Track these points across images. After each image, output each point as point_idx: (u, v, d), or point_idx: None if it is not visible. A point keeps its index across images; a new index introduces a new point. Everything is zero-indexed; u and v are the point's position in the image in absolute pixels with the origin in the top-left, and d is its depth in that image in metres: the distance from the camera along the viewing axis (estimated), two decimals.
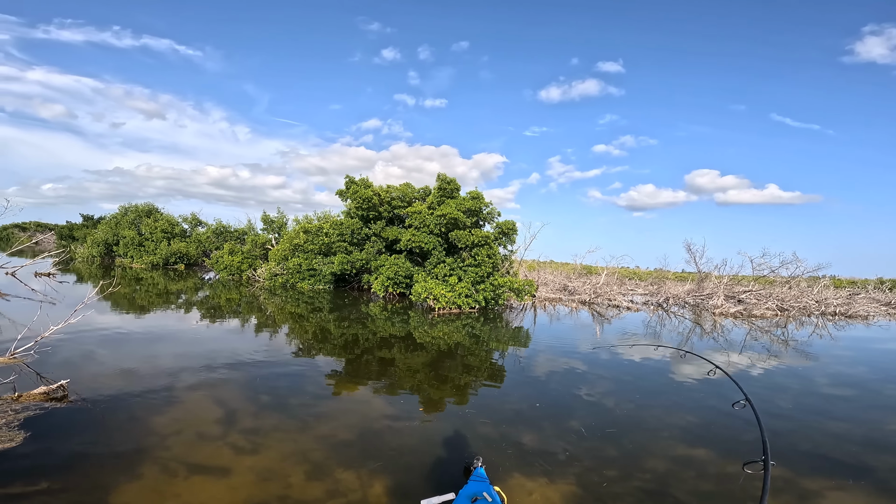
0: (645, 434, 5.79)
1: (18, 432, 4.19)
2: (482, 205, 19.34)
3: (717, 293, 24.94)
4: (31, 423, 4.54)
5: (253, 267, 25.58)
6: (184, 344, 9.14)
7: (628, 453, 5.14)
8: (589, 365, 9.64)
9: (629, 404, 7.02)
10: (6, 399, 4.95)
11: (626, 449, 5.26)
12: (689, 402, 7.48)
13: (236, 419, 5.27)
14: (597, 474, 4.55)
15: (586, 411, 6.58)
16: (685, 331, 16.43)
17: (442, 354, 9.84)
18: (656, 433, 5.87)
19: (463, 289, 16.62)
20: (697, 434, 5.97)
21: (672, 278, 33.08)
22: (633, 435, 5.72)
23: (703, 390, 8.19)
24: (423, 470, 4.39)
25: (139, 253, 30.95)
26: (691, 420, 6.49)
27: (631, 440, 5.54)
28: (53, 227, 49.76)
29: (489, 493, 3.44)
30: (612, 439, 5.53)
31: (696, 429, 6.16)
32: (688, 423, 6.37)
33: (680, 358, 10.84)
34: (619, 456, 5.05)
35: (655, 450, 5.30)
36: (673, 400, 7.51)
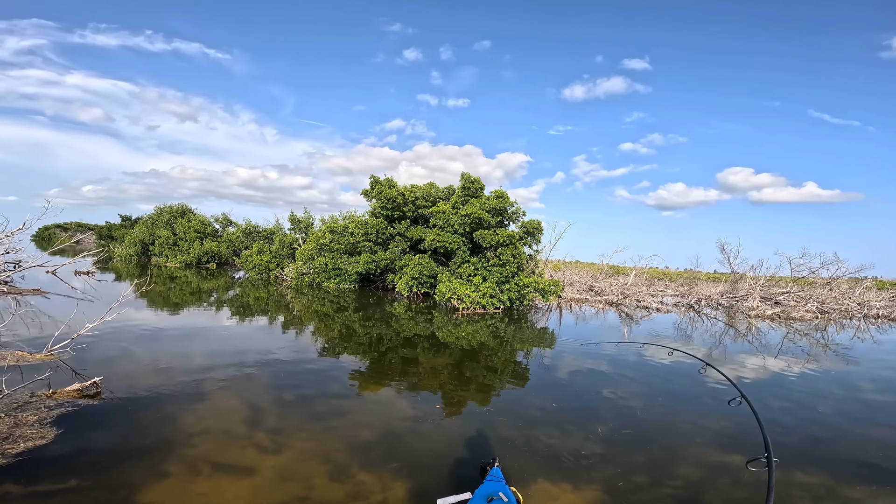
0: (676, 438, 5.60)
1: (50, 429, 4.33)
2: (507, 204, 19.17)
3: (753, 295, 24.06)
4: (63, 420, 4.68)
5: (281, 266, 26.07)
6: (214, 341, 9.37)
7: (658, 459, 4.97)
8: (615, 366, 9.41)
9: (658, 407, 6.82)
10: (41, 396, 5.13)
11: (656, 454, 5.08)
12: (723, 405, 7.20)
13: (261, 418, 5.33)
14: (624, 480, 4.40)
15: (613, 414, 6.40)
16: (717, 333, 15.89)
17: (465, 354, 9.77)
18: (688, 438, 5.67)
19: (487, 289, 16.50)
20: (732, 439, 5.74)
21: (704, 279, 32.07)
22: (664, 439, 5.54)
23: (734, 392, 7.87)
24: (445, 472, 4.34)
25: (174, 252, 31.97)
26: (725, 424, 6.24)
27: (661, 445, 5.36)
28: (93, 228, 51.98)
29: (505, 493, 3.43)
30: (641, 444, 5.36)
31: (730, 434, 5.93)
32: (722, 427, 6.14)
33: (707, 358, 10.46)
34: (647, 461, 4.88)
35: (687, 455, 5.11)
36: (706, 403, 7.26)
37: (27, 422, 4.37)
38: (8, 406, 4.68)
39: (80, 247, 43.80)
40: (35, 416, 4.51)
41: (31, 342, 7.64)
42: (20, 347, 7.16)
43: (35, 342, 7.60)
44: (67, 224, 57.78)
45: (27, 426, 4.28)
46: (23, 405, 4.78)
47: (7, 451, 3.80)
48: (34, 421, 4.41)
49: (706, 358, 10.14)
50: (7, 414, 4.47)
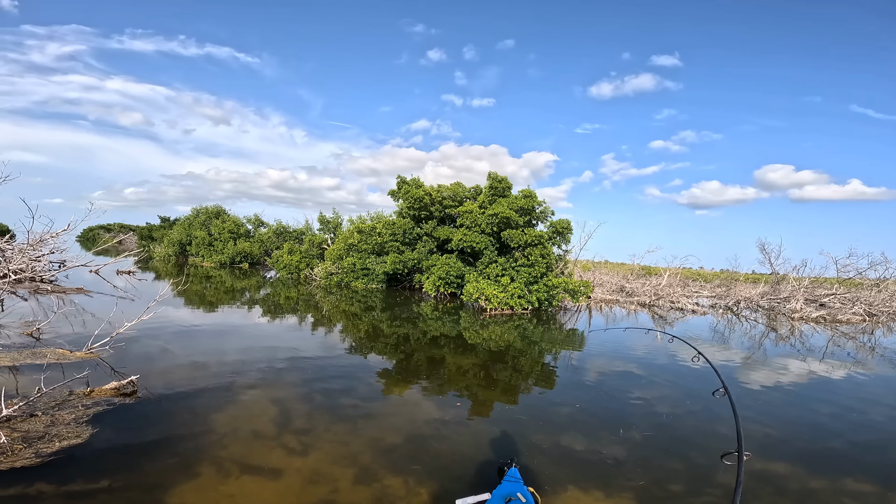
0: (715, 446, 5.34)
1: (86, 428, 4.44)
2: (535, 203, 18.89)
3: (796, 296, 22.98)
4: (99, 418, 4.80)
5: (310, 266, 26.49)
6: (247, 340, 9.54)
7: (695, 466, 4.76)
8: (647, 369, 9.12)
9: (695, 412, 6.54)
10: (79, 394, 5.30)
11: (693, 461, 4.87)
12: (767, 410, 6.87)
13: (290, 419, 5.36)
14: (660, 489, 4.22)
15: (647, 419, 6.17)
16: (757, 335, 15.23)
17: (493, 355, 9.64)
18: (729, 445, 5.38)
19: (515, 289, 16.29)
20: (777, 446, 5.47)
21: (743, 280, 30.83)
22: (702, 446, 5.31)
23: (778, 397, 7.51)
24: (470, 476, 4.25)
25: (209, 252, 32.97)
26: (769, 430, 5.95)
27: (699, 451, 5.13)
28: (134, 228, 54.17)
29: (523, 493, 3.41)
30: (677, 450, 5.14)
31: (774, 440, 5.65)
32: (764, 434, 5.85)
33: (746, 363, 10.01)
34: (684, 468, 4.68)
35: (721, 462, 4.86)
36: (749, 407, 6.94)
37: (64, 420, 4.51)
38: (46, 404, 4.85)
39: (122, 247, 45.73)
40: (72, 415, 4.65)
41: (73, 340, 7.94)
42: (61, 345, 7.45)
43: (76, 340, 7.89)
44: (110, 225, 60.45)
45: (63, 425, 4.41)
46: (61, 403, 4.94)
47: (42, 450, 3.91)
48: (71, 420, 4.54)
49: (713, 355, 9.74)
50: (45, 412, 4.62)
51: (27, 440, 4.06)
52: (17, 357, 6.58)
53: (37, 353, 6.79)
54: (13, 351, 6.92)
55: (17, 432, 4.16)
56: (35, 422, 4.41)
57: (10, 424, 4.30)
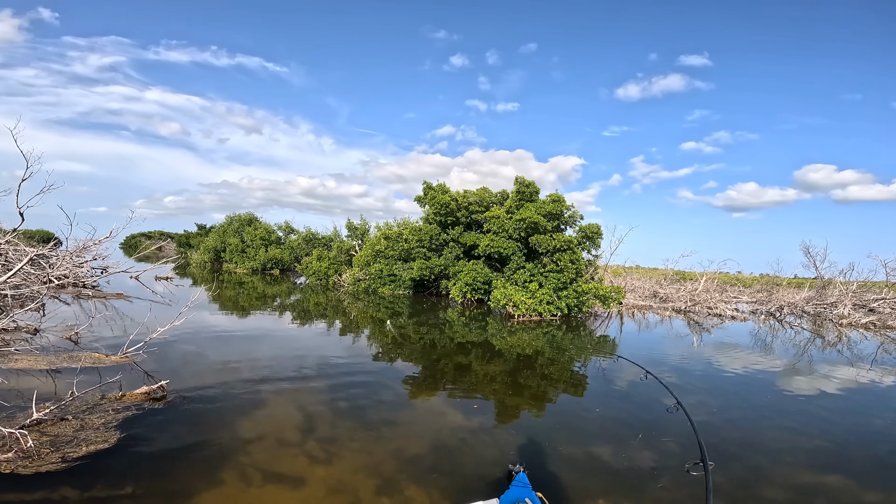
0: (761, 458, 5.04)
1: (114, 433, 4.49)
2: (563, 208, 18.52)
3: (844, 301, 21.74)
4: (128, 423, 4.86)
5: (338, 272, 26.78)
6: (277, 345, 9.62)
7: (741, 480, 4.48)
8: (684, 377, 8.74)
9: (737, 423, 6.19)
10: (110, 398, 5.40)
11: (738, 475, 4.58)
12: (815, 420, 6.44)
13: (314, 425, 5.31)
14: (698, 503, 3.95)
15: (683, 429, 5.83)
16: (802, 342, 14.45)
17: (521, 362, 9.42)
18: (776, 457, 5.09)
19: (544, 295, 15.97)
20: (828, 458, 5.15)
21: (785, 285, 29.42)
22: (747, 458, 5.00)
23: (831, 407, 7.04)
24: (495, 490, 4.06)
25: (242, 259, 33.84)
26: (819, 443, 5.59)
27: (744, 465, 4.83)
28: (173, 236, 56.24)
29: (531, 499, 3.38)
30: (719, 463, 4.81)
31: (826, 452, 5.32)
32: (815, 445, 5.52)
33: (790, 371, 9.45)
34: (728, 482, 4.40)
35: (776, 477, 4.57)
36: (794, 418, 6.56)
37: (93, 425, 4.58)
38: (78, 408, 4.95)
39: (162, 254, 47.51)
40: (101, 419, 4.72)
41: (110, 344, 8.17)
42: (98, 349, 7.67)
43: (113, 344, 8.11)
44: (151, 233, 62.89)
45: (92, 429, 4.48)
46: (92, 407, 5.04)
47: (69, 454, 3.96)
48: (100, 424, 4.61)
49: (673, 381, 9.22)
50: (75, 416, 4.71)
51: (55, 444, 4.13)
52: (55, 360, 6.80)
53: (74, 357, 7.01)
54: (51, 354, 7.16)
55: (46, 436, 4.25)
56: (65, 426, 4.50)
57: (40, 428, 4.40)
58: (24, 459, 3.78)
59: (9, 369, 6.27)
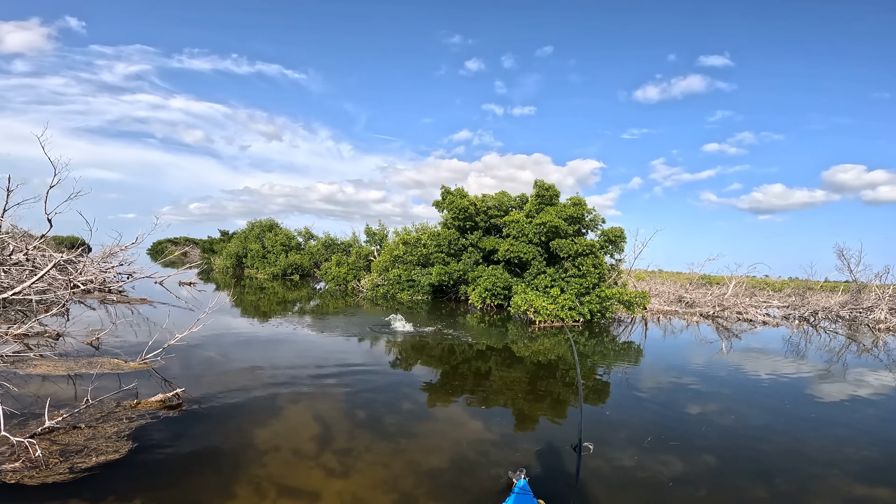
0: (806, 471, 4.73)
1: (126, 442, 4.39)
2: (584, 211, 18.12)
3: (880, 305, 20.74)
4: (141, 432, 4.76)
5: (357, 277, 26.80)
6: (295, 351, 9.52)
7: (784, 494, 4.17)
8: (714, 385, 8.41)
9: (779, 434, 5.84)
10: (125, 406, 5.32)
11: (782, 489, 4.26)
12: (861, 429, 6.05)
13: (331, 436, 5.14)
14: None
15: (720, 440, 5.53)
16: (837, 348, 13.78)
17: (542, 369, 9.13)
18: (822, 470, 4.75)
19: (566, 301, 15.58)
20: (879, 469, 4.84)
21: (819, 289, 28.24)
22: (791, 472, 4.67)
23: (876, 415, 6.60)
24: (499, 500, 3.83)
25: (263, 264, 34.24)
26: (867, 454, 5.24)
27: (787, 478, 4.50)
28: (198, 242, 57.36)
29: None
30: (760, 476, 4.52)
31: (874, 462, 4.99)
32: (863, 456, 5.17)
33: (827, 376, 8.92)
34: (770, 497, 4.09)
35: (821, 489, 4.27)
36: (839, 427, 6.21)
37: (105, 434, 4.49)
38: (91, 416, 4.88)
39: (187, 259, 48.46)
40: (114, 428, 4.63)
41: (130, 350, 8.17)
42: (118, 355, 7.67)
43: (134, 350, 8.11)
44: (177, 238, 64.34)
45: (104, 438, 4.39)
46: (106, 415, 4.96)
47: (77, 465, 3.86)
48: (112, 433, 4.52)
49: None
50: (88, 425, 4.64)
51: (64, 454, 4.04)
52: (73, 366, 6.80)
53: (93, 363, 7.01)
54: (71, 360, 7.18)
55: (56, 445, 4.16)
56: (76, 434, 4.42)
57: (51, 436, 4.32)
58: (31, 469, 3.69)
59: (27, 375, 6.28)
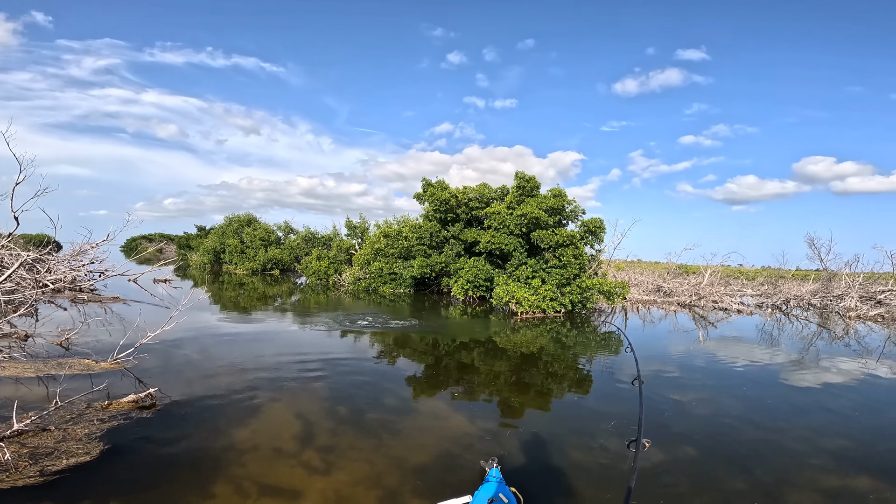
0: (784, 461, 4.80)
1: (98, 444, 4.24)
2: (565, 202, 18.25)
3: (850, 294, 21.47)
4: (113, 433, 4.61)
5: (339, 271, 26.55)
6: (276, 347, 9.32)
7: (764, 485, 4.23)
8: (692, 374, 8.54)
9: (757, 424, 5.95)
10: (96, 407, 5.15)
11: (762, 480, 4.32)
12: (835, 419, 6.23)
13: (313, 434, 5.06)
14: None
15: (700, 431, 5.62)
16: (809, 335, 14.21)
17: (525, 361, 9.18)
18: (799, 459, 4.85)
19: (547, 292, 15.71)
20: (854, 459, 4.92)
21: (790, 277, 29.11)
22: (769, 462, 4.75)
23: (849, 405, 6.82)
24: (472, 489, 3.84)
25: (241, 259, 33.60)
26: (843, 443, 5.34)
27: (766, 469, 4.58)
28: (173, 238, 56.00)
29: (505, 494, 3.35)
30: (740, 467, 4.61)
31: (850, 452, 5.07)
32: (838, 446, 5.26)
33: (801, 365, 9.20)
34: (750, 489, 4.15)
35: (801, 481, 4.33)
36: (813, 416, 6.35)
37: (76, 436, 4.33)
38: (61, 418, 4.70)
39: (162, 256, 47.32)
40: (85, 430, 4.48)
41: (101, 350, 7.92)
42: (89, 355, 7.43)
43: (105, 350, 7.84)
44: (152, 235, 62.57)
45: (74, 440, 4.23)
46: (76, 417, 4.80)
47: (48, 468, 3.71)
48: (83, 435, 4.36)
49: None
50: (58, 427, 4.47)
51: (34, 457, 3.89)
52: (43, 367, 6.56)
53: (62, 364, 6.77)
54: (40, 361, 6.92)
55: (25, 448, 4.00)
56: (46, 437, 4.25)
57: (20, 439, 4.15)
58: (0, 473, 3.53)
59: None
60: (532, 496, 3.76)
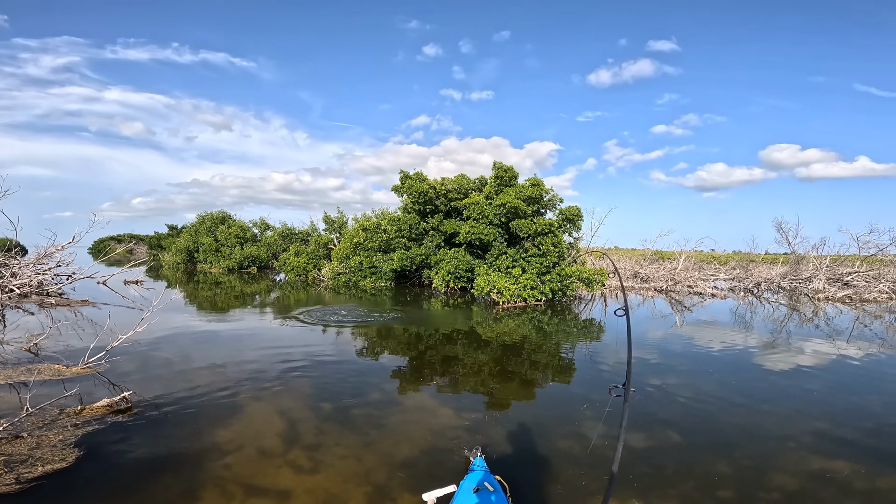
0: (764, 445, 4.89)
1: (73, 450, 4.10)
2: (542, 191, 18.39)
3: (818, 276, 22.28)
4: (88, 439, 4.47)
5: (318, 267, 26.23)
6: (255, 345, 9.14)
7: (746, 469, 4.32)
8: (671, 359, 8.72)
9: (736, 408, 6.08)
10: (69, 412, 4.96)
11: (743, 464, 4.42)
12: (811, 401, 6.39)
13: (298, 432, 4.98)
14: (707, 496, 3.80)
15: (682, 416, 5.73)
16: (780, 318, 14.68)
17: (508, 350, 9.24)
18: (780, 442, 4.96)
19: (528, 281, 15.84)
20: (833, 441, 5.03)
21: (760, 261, 30.04)
22: (750, 446, 4.85)
23: (823, 388, 7.01)
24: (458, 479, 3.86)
25: (217, 258, 32.85)
26: (819, 426, 5.47)
27: (747, 452, 4.68)
28: (144, 238, 54.37)
29: (490, 482, 3.38)
30: (722, 451, 4.71)
31: (827, 434, 5.20)
32: (816, 428, 5.38)
33: (774, 347, 9.52)
34: (734, 473, 4.23)
35: (781, 463, 4.43)
36: (790, 399, 6.47)
37: (50, 442, 4.17)
38: (34, 424, 4.52)
39: (133, 257, 45.92)
40: (59, 436, 4.32)
41: (72, 354, 7.63)
42: (59, 360, 7.16)
43: (76, 354, 7.56)
44: (121, 236, 60.56)
45: (49, 447, 4.08)
46: (49, 423, 4.61)
47: (23, 475, 3.57)
48: (57, 441, 4.20)
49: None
50: (30, 434, 4.29)
51: (9, 464, 3.72)
52: (12, 374, 6.28)
53: (32, 370, 6.49)
54: (8, 368, 6.63)
55: None
56: (19, 444, 4.08)
57: None
58: None
59: None
60: (517, 483, 3.78)
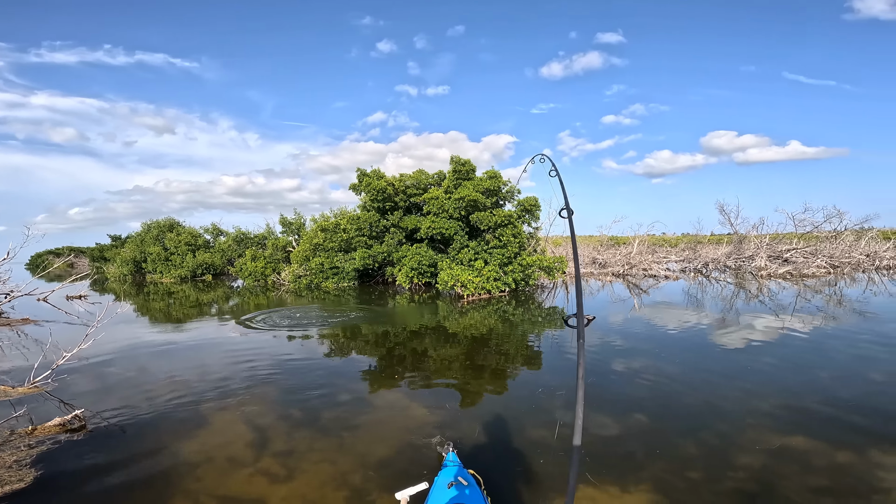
0: (727, 424, 5.07)
1: (29, 471, 3.88)
2: (500, 184, 18.64)
3: (759, 254, 23.73)
4: (44, 459, 4.23)
5: (277, 270, 25.56)
6: (216, 355, 8.82)
7: (712, 448, 4.49)
8: (632, 341, 9.04)
9: (697, 388, 6.34)
10: (20, 433, 4.66)
11: (709, 443, 4.60)
12: (765, 378, 6.65)
13: (268, 440, 4.87)
14: (678, 477, 3.94)
15: (648, 398, 5.93)
16: (729, 296, 15.56)
17: (476, 343, 9.36)
18: (740, 422, 5.13)
19: (491, 272, 16.06)
20: (789, 418, 5.21)
21: (707, 242, 31.68)
22: (714, 426, 5.04)
23: (775, 363, 7.41)
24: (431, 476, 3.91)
25: (167, 267, 31.35)
26: (774, 402, 5.69)
27: (712, 432, 4.86)
28: (85, 251, 51.18)
29: (464, 476, 3.38)
30: (688, 432, 4.88)
31: (782, 412, 5.40)
32: (771, 405, 5.58)
33: (725, 325, 10.09)
34: (701, 453, 4.39)
35: (745, 442, 4.58)
36: (745, 377, 6.73)
37: (4, 463, 3.93)
38: None
39: (74, 271, 43.11)
40: (13, 457, 4.06)
41: (17, 374, 7.13)
42: (3, 381, 6.68)
43: (21, 374, 7.06)
44: (59, 249, 56.69)
45: (4, 468, 3.84)
46: (1, 445, 4.32)
47: None
48: (12, 462, 3.97)
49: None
50: None
51: None
52: None
53: None
54: None
55: None
56: None
57: None
58: None
59: None
60: (491, 475, 3.81)
